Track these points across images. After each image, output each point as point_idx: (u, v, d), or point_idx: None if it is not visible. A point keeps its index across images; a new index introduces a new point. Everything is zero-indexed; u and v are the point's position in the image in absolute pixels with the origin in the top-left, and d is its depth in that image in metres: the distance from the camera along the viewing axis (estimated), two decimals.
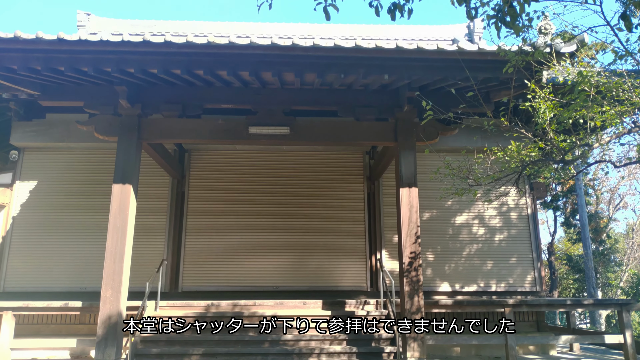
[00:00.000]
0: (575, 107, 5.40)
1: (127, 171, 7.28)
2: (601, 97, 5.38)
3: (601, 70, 5.65)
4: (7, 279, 9.75)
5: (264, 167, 10.69)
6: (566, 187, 21.49)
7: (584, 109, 5.39)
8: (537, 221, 10.80)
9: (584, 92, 5.25)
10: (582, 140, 5.76)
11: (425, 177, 9.74)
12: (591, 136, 5.95)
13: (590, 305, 9.22)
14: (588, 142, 5.74)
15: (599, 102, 5.35)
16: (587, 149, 5.90)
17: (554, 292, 22.16)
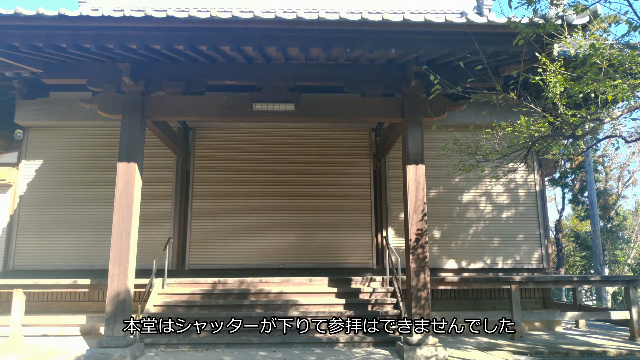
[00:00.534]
0: (587, 80, 5.26)
1: (131, 149, 7.24)
2: (613, 70, 5.23)
3: (614, 42, 5.48)
4: (16, 257, 9.86)
5: (269, 145, 10.63)
6: (575, 164, 21.29)
7: (595, 82, 5.25)
8: (545, 198, 10.71)
9: (596, 65, 5.10)
10: (592, 115, 5.63)
11: (432, 153, 9.66)
12: (602, 111, 5.81)
13: (597, 282, 9.21)
14: (599, 117, 5.60)
15: (611, 75, 5.20)
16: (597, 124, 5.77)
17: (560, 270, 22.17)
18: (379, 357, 6.80)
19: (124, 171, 7.16)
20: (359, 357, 6.78)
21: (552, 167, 10.80)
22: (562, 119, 5.51)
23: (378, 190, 10.56)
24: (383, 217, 10.37)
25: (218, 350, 7.23)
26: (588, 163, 18.18)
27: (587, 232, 24.11)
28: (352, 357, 6.71)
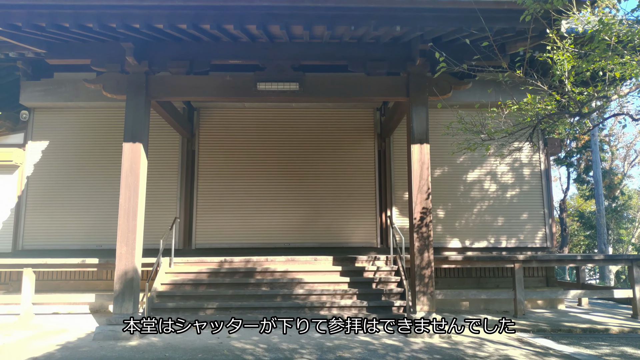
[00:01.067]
0: (594, 57, 5.19)
1: (136, 130, 7.26)
2: (622, 46, 5.16)
3: (623, 18, 5.40)
4: (25, 237, 9.99)
5: (273, 125, 10.61)
6: (581, 143, 21.15)
7: (603, 59, 5.19)
8: (550, 177, 10.69)
9: (604, 42, 5.03)
10: (600, 93, 5.57)
11: (437, 133, 9.60)
12: (610, 88, 5.75)
13: (600, 260, 9.25)
14: (606, 95, 5.55)
15: (620, 52, 5.14)
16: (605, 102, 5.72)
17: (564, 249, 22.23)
18: (382, 333, 6.90)
19: (129, 151, 7.19)
20: (363, 333, 6.88)
21: (558, 146, 10.74)
22: (569, 97, 5.46)
23: (382, 170, 10.57)
24: (387, 197, 10.40)
25: None
26: (594, 142, 18.07)
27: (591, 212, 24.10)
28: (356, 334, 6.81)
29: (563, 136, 18.21)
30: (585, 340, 6.72)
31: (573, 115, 5.61)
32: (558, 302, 9.77)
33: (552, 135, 10.70)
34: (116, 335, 6.48)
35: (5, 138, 10.35)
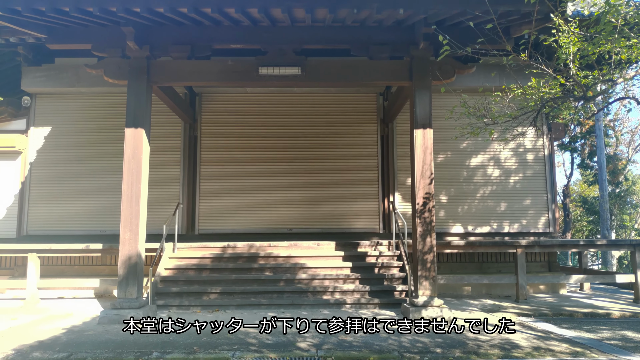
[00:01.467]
0: (600, 40, 5.12)
1: (138, 115, 7.24)
2: (628, 29, 5.09)
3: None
4: (29, 222, 10.05)
5: (276, 110, 10.57)
6: (585, 129, 21.01)
7: (609, 42, 5.12)
8: (554, 162, 10.65)
9: (611, 24, 4.96)
10: (605, 76, 5.51)
11: (440, 118, 9.56)
12: (615, 71, 5.69)
13: (603, 245, 9.25)
14: (612, 78, 5.49)
15: (626, 34, 5.07)
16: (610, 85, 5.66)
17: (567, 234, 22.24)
18: (384, 317, 6.94)
19: (131, 137, 7.19)
20: (365, 317, 6.92)
21: (562, 131, 10.67)
22: (573, 81, 5.41)
23: (385, 156, 10.54)
24: (390, 182, 10.39)
25: (228, 311, 7.42)
26: (598, 127, 17.93)
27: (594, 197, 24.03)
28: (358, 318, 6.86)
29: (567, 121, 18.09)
30: (587, 325, 6.75)
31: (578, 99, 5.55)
32: (560, 287, 9.80)
33: (557, 120, 10.65)
34: (121, 319, 6.54)
35: (8, 124, 10.34)
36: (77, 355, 4.90)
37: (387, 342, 5.49)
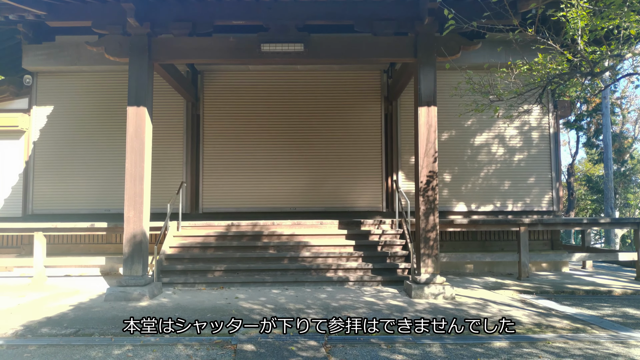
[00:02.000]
0: (609, 14, 5.01)
1: (140, 93, 7.19)
2: (638, 2, 4.97)
3: None
4: (34, 201, 10.11)
5: (278, 88, 10.49)
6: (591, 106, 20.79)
7: (618, 17, 5.00)
8: (559, 141, 10.57)
9: None
10: (613, 52, 5.41)
11: (444, 95, 9.47)
12: (624, 47, 5.58)
13: (606, 224, 9.24)
14: (620, 53, 5.39)
15: (636, 8, 4.95)
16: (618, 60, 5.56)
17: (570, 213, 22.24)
18: (387, 294, 7.01)
19: (134, 115, 7.16)
20: (368, 294, 6.99)
21: (568, 109, 10.56)
22: (581, 56, 5.31)
23: (389, 134, 10.48)
24: (393, 161, 10.35)
25: (233, 288, 7.50)
26: (605, 105, 17.73)
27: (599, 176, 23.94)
28: (361, 295, 6.94)
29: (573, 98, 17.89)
30: (588, 302, 6.80)
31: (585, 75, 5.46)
32: (562, 265, 9.84)
33: (563, 97, 10.51)
34: (127, 296, 6.63)
35: (10, 103, 10.32)
36: (84, 331, 4.98)
37: (389, 318, 5.54)
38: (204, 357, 4.14)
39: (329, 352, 4.29)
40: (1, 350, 4.37)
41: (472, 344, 4.55)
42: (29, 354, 4.23)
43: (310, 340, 4.62)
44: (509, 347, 4.46)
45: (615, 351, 4.35)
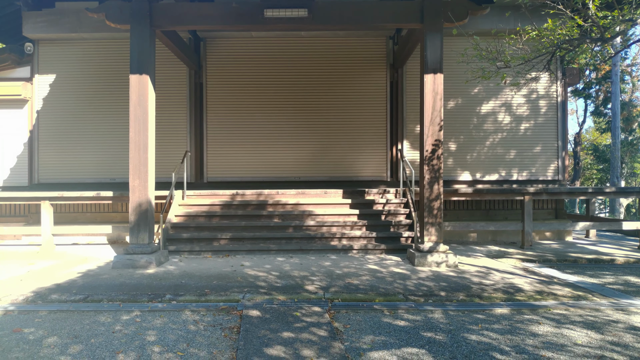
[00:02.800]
0: None
1: (142, 61, 7.11)
2: None
3: None
4: (40, 171, 10.17)
5: (282, 56, 10.33)
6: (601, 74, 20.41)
7: None
8: (566, 109, 10.43)
9: None
10: (625, 16, 5.26)
11: (451, 62, 9.31)
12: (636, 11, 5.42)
13: (611, 193, 9.18)
14: (632, 18, 5.23)
15: None
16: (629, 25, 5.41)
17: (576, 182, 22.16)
18: (390, 262, 7.08)
19: (136, 83, 7.09)
20: (372, 262, 7.07)
21: (576, 76, 10.37)
22: (592, 21, 5.17)
23: (394, 102, 10.36)
24: (398, 130, 10.27)
25: (238, 256, 7.60)
26: (615, 73, 17.39)
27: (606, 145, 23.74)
28: (365, 263, 7.01)
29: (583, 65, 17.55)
30: (590, 270, 6.85)
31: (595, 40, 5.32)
32: (566, 234, 9.88)
33: (572, 65, 10.30)
34: (134, 264, 6.74)
35: (12, 72, 10.25)
36: (93, 297, 5.09)
37: (392, 285, 5.62)
38: (210, 322, 4.23)
39: (332, 317, 4.37)
40: (13, 315, 4.48)
41: (474, 311, 4.61)
42: (40, 319, 4.33)
43: (315, 306, 4.70)
44: (510, 314, 4.52)
45: (615, 318, 4.41)
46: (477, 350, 3.53)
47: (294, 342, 3.67)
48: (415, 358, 3.39)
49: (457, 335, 3.88)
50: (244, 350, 3.49)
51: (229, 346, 3.63)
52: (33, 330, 4.00)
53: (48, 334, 3.92)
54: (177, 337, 3.84)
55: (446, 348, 3.58)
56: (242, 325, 4.10)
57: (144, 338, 3.80)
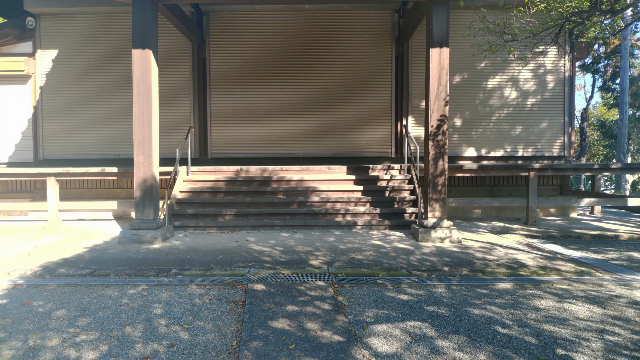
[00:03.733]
0: None
1: (145, 36, 7.02)
2: None
3: None
4: (44, 147, 10.19)
5: (286, 29, 10.19)
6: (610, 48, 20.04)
7: None
8: (574, 84, 10.28)
9: None
10: None
11: (457, 37, 9.17)
12: None
13: (617, 169, 9.12)
14: None
15: None
16: None
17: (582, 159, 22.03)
18: (394, 238, 7.12)
19: (139, 58, 7.03)
20: (376, 238, 7.11)
21: (585, 50, 10.18)
22: None
23: (399, 77, 10.24)
24: (403, 105, 10.19)
25: (243, 232, 7.66)
26: (624, 47, 17.06)
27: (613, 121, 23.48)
28: (369, 238, 7.05)
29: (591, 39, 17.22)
30: (594, 246, 6.86)
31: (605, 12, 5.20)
32: (570, 210, 9.86)
33: (580, 38, 10.11)
34: (140, 239, 6.80)
35: (14, 47, 10.17)
36: (100, 272, 5.15)
37: (396, 260, 5.66)
38: (215, 296, 4.29)
39: (336, 291, 4.42)
40: (22, 289, 4.55)
41: (477, 286, 4.65)
42: (49, 293, 4.41)
43: (319, 280, 4.75)
44: (513, 289, 4.56)
45: (618, 293, 4.43)
46: (479, 324, 3.57)
47: (299, 315, 3.72)
48: (418, 331, 3.43)
49: (460, 309, 3.92)
50: (249, 323, 3.54)
51: (235, 319, 3.68)
52: (42, 303, 4.07)
53: (57, 306, 3.99)
54: (183, 310, 3.90)
55: (449, 322, 3.63)
56: (247, 298, 4.15)
57: (150, 311, 3.87)
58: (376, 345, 3.19)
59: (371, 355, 3.02)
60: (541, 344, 3.19)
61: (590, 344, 3.19)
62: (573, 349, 3.11)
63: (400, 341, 3.25)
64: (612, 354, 3.04)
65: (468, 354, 3.03)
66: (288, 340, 3.24)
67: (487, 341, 3.24)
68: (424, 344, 3.19)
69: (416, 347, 3.15)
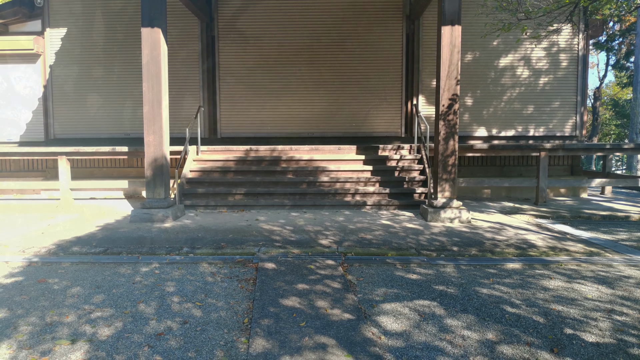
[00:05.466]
0: None
1: (154, 14, 6.97)
2: None
3: None
4: (55, 126, 10.25)
5: (296, 7, 10.05)
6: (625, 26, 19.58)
7: None
8: (587, 63, 10.10)
9: None
10: None
11: (470, 14, 9.00)
12: None
13: (629, 149, 9.01)
14: None
15: None
16: None
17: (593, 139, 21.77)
18: (403, 218, 7.14)
19: (148, 37, 6.99)
20: (385, 217, 7.13)
21: (600, 28, 9.96)
22: None
23: (410, 56, 10.11)
24: (414, 84, 10.08)
25: (253, 211, 7.71)
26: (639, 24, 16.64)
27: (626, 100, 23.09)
28: (378, 218, 7.08)
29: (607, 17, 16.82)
30: (604, 227, 6.83)
31: None
32: (581, 190, 9.80)
33: (595, 16, 9.88)
34: (151, 217, 6.88)
35: (23, 26, 10.16)
36: (113, 250, 5.24)
37: (405, 240, 5.69)
38: (227, 274, 4.36)
39: (345, 270, 4.47)
40: (37, 266, 4.65)
41: (486, 265, 4.67)
42: (63, 270, 4.50)
43: (328, 259, 4.80)
44: (522, 269, 4.57)
45: (627, 274, 4.43)
46: (488, 303, 3.60)
47: (309, 294, 3.77)
48: (427, 310, 3.47)
49: (469, 288, 3.95)
50: (260, 301, 3.60)
51: (246, 297, 3.74)
52: (57, 281, 4.16)
53: (71, 284, 4.07)
54: (195, 288, 3.97)
55: (457, 301, 3.66)
56: (258, 277, 4.21)
57: (163, 289, 3.94)
58: (385, 323, 3.23)
59: (381, 333, 3.07)
60: (549, 324, 3.22)
61: (599, 324, 3.22)
62: (581, 329, 3.14)
63: (410, 320, 3.29)
64: (619, 334, 3.06)
65: (476, 333, 3.07)
66: (299, 317, 3.29)
67: (496, 320, 3.28)
68: (433, 323, 3.23)
69: (425, 325, 3.20)
